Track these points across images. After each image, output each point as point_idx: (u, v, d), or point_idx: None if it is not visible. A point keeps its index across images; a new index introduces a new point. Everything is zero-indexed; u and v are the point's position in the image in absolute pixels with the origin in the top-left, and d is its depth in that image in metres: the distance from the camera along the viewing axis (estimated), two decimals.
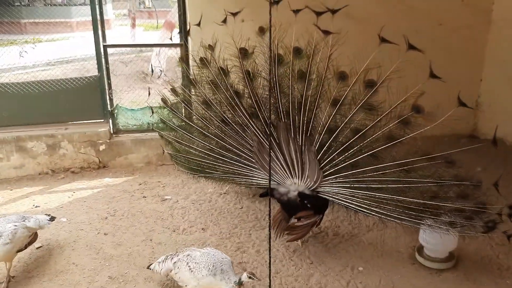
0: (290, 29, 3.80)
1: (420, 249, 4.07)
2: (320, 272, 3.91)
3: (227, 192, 5.39)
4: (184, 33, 6.10)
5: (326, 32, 3.60)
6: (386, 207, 3.73)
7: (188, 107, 4.72)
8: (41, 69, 10.14)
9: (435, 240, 3.83)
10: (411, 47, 3.11)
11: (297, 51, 3.89)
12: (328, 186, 3.96)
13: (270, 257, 3.09)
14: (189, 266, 3.35)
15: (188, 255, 3.43)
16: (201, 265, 3.31)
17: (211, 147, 4.47)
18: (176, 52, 7.64)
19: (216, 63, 4.35)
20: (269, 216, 2.09)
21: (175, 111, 4.76)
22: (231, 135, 4.34)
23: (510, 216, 3.44)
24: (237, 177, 4.47)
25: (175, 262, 3.45)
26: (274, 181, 4.16)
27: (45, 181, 5.86)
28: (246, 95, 4.27)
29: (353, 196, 3.85)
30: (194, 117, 4.64)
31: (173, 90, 4.83)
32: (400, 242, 4.34)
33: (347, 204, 3.91)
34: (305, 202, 4.01)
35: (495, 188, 3.38)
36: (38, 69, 10.01)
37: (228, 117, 4.34)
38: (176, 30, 6.92)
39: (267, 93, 4.09)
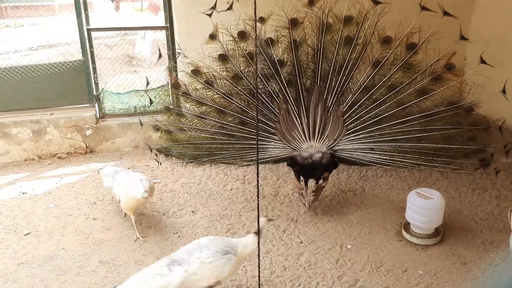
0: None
1: (406, 226, 4.15)
2: (309, 251, 3.97)
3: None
4: (169, 14, 6.02)
5: (376, 2, 4.12)
6: (406, 155, 4.17)
7: (211, 86, 4.57)
8: (23, 54, 9.93)
9: (421, 216, 3.92)
10: (445, 13, 4.01)
11: (348, 19, 4.29)
12: (348, 143, 4.30)
13: (259, 238, 3.13)
14: None
15: None
16: None
17: (227, 125, 4.51)
18: (162, 35, 7.54)
19: (259, 36, 4.44)
20: (257, 197, 2.12)
21: (189, 95, 4.61)
22: (255, 107, 4.45)
23: (507, 154, 4.11)
24: (250, 153, 4.51)
25: None
26: (290, 148, 4.38)
27: (32, 167, 5.81)
28: (289, 63, 4.52)
29: (371, 150, 4.25)
30: (217, 96, 4.56)
31: (195, 71, 4.60)
32: (387, 219, 4.42)
33: (362, 158, 4.29)
34: (336, 160, 4.28)
35: (499, 131, 4.15)
36: (20, 54, 9.80)
37: (258, 88, 4.48)
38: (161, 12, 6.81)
39: (310, 60, 4.51)
